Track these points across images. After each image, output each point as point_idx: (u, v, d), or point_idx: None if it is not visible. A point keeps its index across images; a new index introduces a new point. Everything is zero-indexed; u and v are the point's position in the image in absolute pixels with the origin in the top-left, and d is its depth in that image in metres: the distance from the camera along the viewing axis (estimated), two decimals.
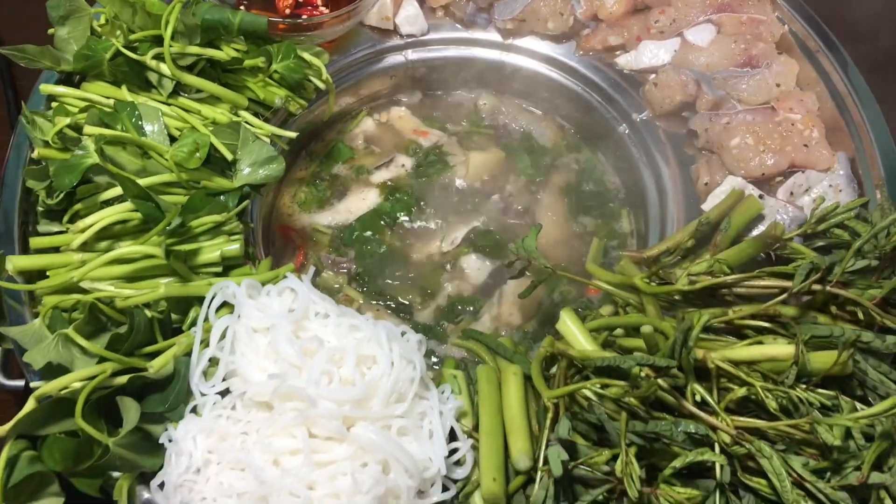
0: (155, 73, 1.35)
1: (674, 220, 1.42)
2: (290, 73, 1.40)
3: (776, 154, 1.36)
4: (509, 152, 1.62)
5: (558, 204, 1.57)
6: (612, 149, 1.58)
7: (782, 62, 1.45)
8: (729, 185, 1.38)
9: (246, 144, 1.33)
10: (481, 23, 1.60)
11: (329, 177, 1.60)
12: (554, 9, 1.53)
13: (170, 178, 1.27)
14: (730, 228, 1.31)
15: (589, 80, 1.57)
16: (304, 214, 1.56)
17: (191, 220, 1.22)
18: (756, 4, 1.49)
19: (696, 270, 1.22)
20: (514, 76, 1.64)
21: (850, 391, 1.12)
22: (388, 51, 1.61)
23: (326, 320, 1.15)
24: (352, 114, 1.67)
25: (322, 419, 1.03)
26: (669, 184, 1.45)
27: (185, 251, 1.20)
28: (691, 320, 1.04)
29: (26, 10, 1.73)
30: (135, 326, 1.10)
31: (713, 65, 1.46)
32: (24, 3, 1.89)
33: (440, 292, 1.47)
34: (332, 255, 1.51)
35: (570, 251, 1.54)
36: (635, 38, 1.54)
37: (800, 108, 1.40)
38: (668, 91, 1.46)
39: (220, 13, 1.36)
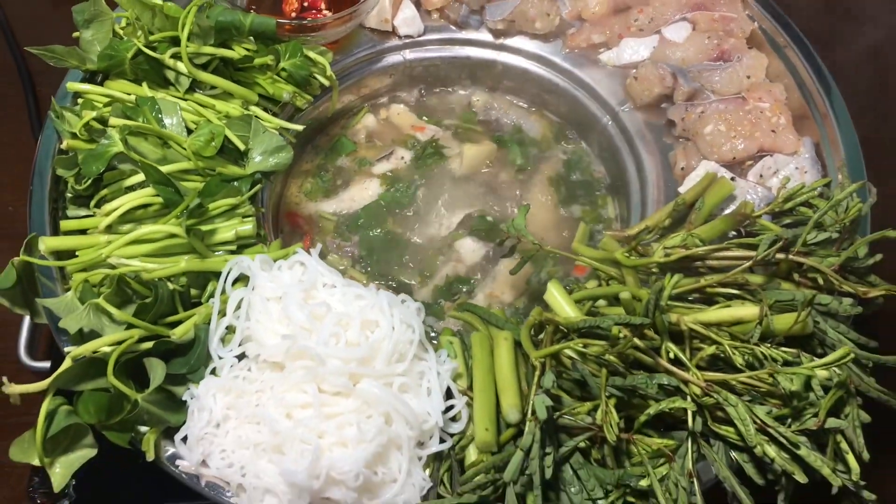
0: (173, 70, 1.46)
1: (654, 203, 1.52)
2: (296, 70, 1.52)
3: (746, 139, 1.47)
4: (501, 144, 1.73)
5: (547, 192, 1.68)
6: (597, 140, 1.69)
7: (752, 56, 1.56)
8: (703, 169, 1.49)
9: (257, 135, 1.44)
10: (474, 24, 1.72)
11: (333, 168, 1.71)
12: (541, 10, 1.65)
13: (188, 165, 1.38)
14: (703, 207, 1.42)
15: (575, 76, 1.69)
16: (310, 203, 1.67)
17: (208, 202, 1.34)
18: (727, 3, 1.61)
19: (670, 244, 1.33)
20: (505, 73, 1.75)
21: (811, 350, 1.23)
22: (387, 51, 1.73)
23: (333, 290, 1.26)
24: (354, 110, 1.78)
25: (330, 376, 1.14)
26: (650, 170, 1.56)
27: (203, 230, 1.31)
28: (662, 283, 1.15)
29: (52, 16, 1.86)
30: (159, 297, 1.21)
31: (688, 59, 1.58)
32: (51, 9, 2.03)
33: (438, 273, 1.58)
34: (337, 239, 1.62)
35: (559, 235, 1.64)
36: (617, 35, 1.65)
37: (768, 97, 1.52)
38: (647, 84, 1.57)
39: (232, 15, 1.48)
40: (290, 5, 1.68)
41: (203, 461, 1.15)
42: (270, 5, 1.69)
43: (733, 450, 1.16)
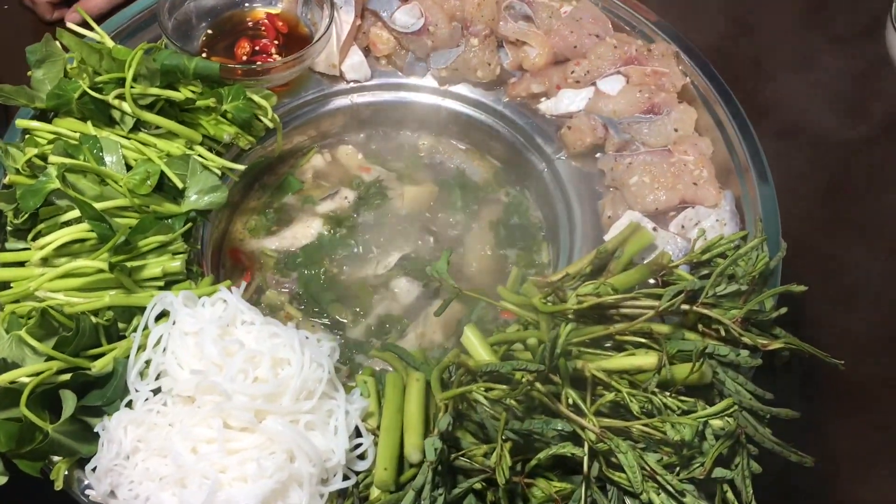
0: (118, 110, 1.52)
1: (580, 250, 1.56)
2: (238, 113, 1.58)
3: (668, 191, 1.51)
4: (443, 187, 1.78)
5: (486, 235, 1.73)
6: (535, 186, 1.74)
7: (681, 110, 1.61)
8: (627, 218, 1.53)
9: (194, 174, 1.49)
10: (419, 71, 1.78)
11: (279, 206, 1.76)
12: (482, 59, 1.71)
13: (124, 202, 1.43)
14: (622, 256, 1.46)
15: (514, 124, 1.74)
16: (254, 240, 1.72)
17: (138, 239, 1.39)
18: (661, 59, 1.66)
19: (583, 292, 1.37)
20: (449, 119, 1.81)
21: (710, 400, 1.26)
22: (335, 94, 1.78)
23: (251, 327, 1.30)
24: (303, 150, 1.84)
25: (236, 411, 1.18)
26: (579, 217, 1.61)
27: (131, 266, 1.36)
28: (558, 331, 1.19)
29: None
30: (80, 330, 1.26)
31: (620, 111, 1.62)
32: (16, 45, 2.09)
33: (371, 312, 1.62)
34: (277, 276, 1.67)
35: (495, 278, 1.68)
36: (555, 86, 1.71)
37: (693, 150, 1.56)
38: (580, 134, 1.62)
39: (177, 59, 1.54)
40: (242, 49, 1.74)
41: (111, 492, 1.19)
42: (223, 50, 1.75)
43: (627, 496, 1.19)
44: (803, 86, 1.79)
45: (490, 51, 1.71)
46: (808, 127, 1.85)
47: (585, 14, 1.73)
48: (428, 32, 1.71)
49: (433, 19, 1.71)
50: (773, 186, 1.53)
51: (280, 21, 1.79)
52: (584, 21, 1.71)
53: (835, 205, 1.89)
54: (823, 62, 1.92)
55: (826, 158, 1.89)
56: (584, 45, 1.70)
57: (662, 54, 1.67)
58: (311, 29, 1.79)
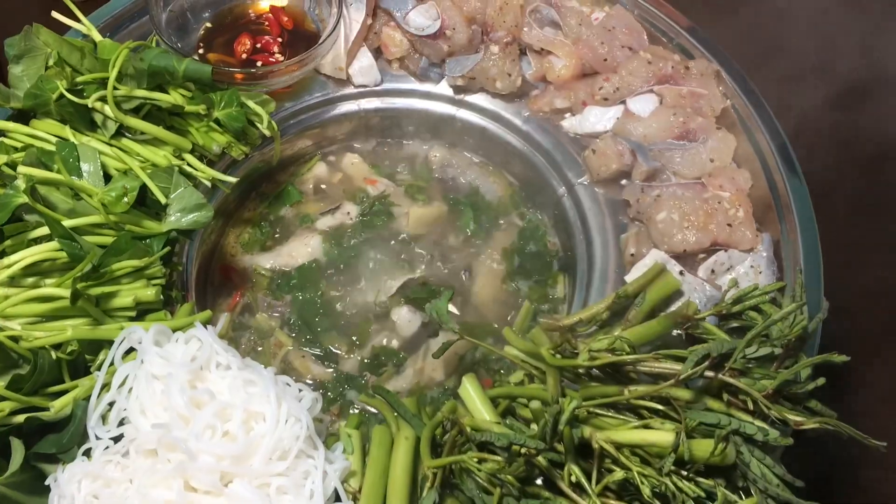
0: (100, 114, 1.40)
1: (597, 290, 1.42)
2: (231, 121, 1.44)
3: (699, 231, 1.36)
4: (454, 206, 1.64)
5: (497, 262, 1.59)
6: (553, 210, 1.59)
7: (719, 138, 1.45)
8: (652, 258, 1.38)
9: (177, 190, 1.37)
10: (434, 77, 1.63)
11: (275, 219, 1.63)
12: (502, 69, 1.55)
13: (98, 219, 1.31)
14: (644, 304, 1.31)
15: (534, 141, 1.59)
16: (246, 255, 1.59)
17: (111, 262, 1.26)
18: (699, 78, 1.50)
19: (597, 347, 1.22)
20: (464, 131, 1.66)
21: (733, 481, 1.12)
22: (342, 99, 1.64)
23: (226, 372, 1.18)
24: (306, 157, 1.70)
25: (200, 473, 1.06)
26: (599, 251, 1.46)
27: (99, 294, 1.24)
28: (561, 406, 1.05)
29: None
30: (38, 367, 1.14)
31: (650, 136, 1.47)
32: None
33: (368, 343, 1.50)
34: (269, 298, 1.54)
35: (505, 310, 1.55)
36: (581, 102, 1.55)
37: (730, 185, 1.41)
38: (605, 159, 1.47)
39: (166, 60, 1.40)
40: (243, 46, 1.60)
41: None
42: (222, 45, 1.61)
43: None
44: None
45: (511, 60, 1.56)
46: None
47: (619, 23, 1.56)
48: (445, 36, 1.56)
49: (451, 22, 1.55)
50: (816, 231, 1.37)
51: (285, 16, 1.65)
52: (617, 31, 1.55)
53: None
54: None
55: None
56: (616, 59, 1.54)
57: (702, 73, 1.50)
58: (319, 26, 1.65)
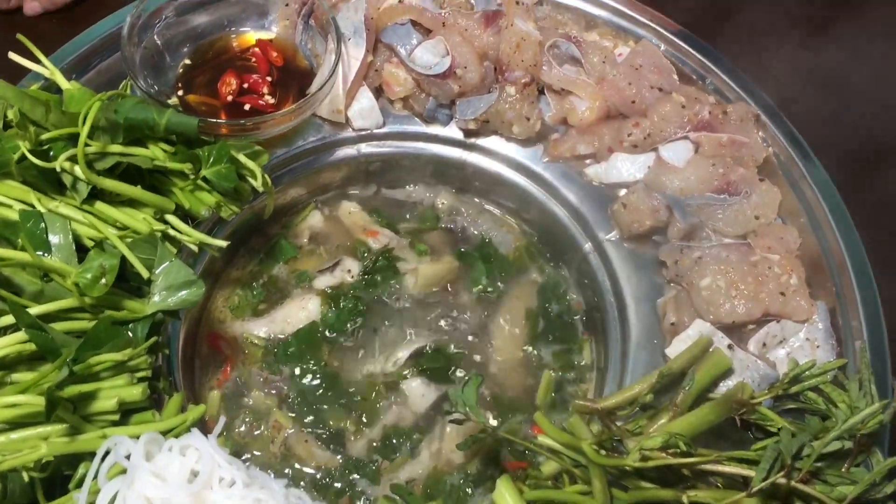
0: (69, 174, 1.22)
1: (635, 363, 1.29)
2: (220, 180, 1.27)
3: (749, 301, 1.23)
4: (465, 261, 1.49)
5: (515, 323, 1.44)
6: (576, 266, 1.45)
7: (763, 191, 1.32)
8: (697, 330, 1.25)
9: (162, 263, 1.19)
10: (442, 119, 1.47)
11: (267, 278, 1.47)
12: (520, 112, 1.40)
13: (72, 303, 1.14)
14: (693, 386, 1.18)
15: (554, 190, 1.44)
16: (236, 321, 1.43)
17: (90, 356, 1.09)
18: (739, 124, 1.36)
19: (649, 445, 1.09)
20: (475, 176, 1.51)
21: None
22: (340, 143, 1.48)
23: (232, 490, 1.02)
24: (298, 206, 1.54)
25: None
26: (633, 317, 1.32)
27: (76, 395, 1.07)
28: None
29: None
30: (7, 494, 0.98)
31: (688, 189, 1.33)
32: None
33: (377, 421, 1.34)
34: (265, 371, 1.38)
35: (526, 378, 1.41)
36: (606, 148, 1.41)
37: (779, 246, 1.28)
38: (638, 215, 1.33)
39: (144, 112, 1.23)
40: (228, 86, 1.43)
41: None
42: (204, 86, 1.44)
43: None
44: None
45: (530, 103, 1.41)
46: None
47: (646, 60, 1.42)
48: (455, 76, 1.40)
49: (462, 60, 1.39)
50: (877, 296, 1.24)
51: (274, 51, 1.48)
52: (645, 70, 1.41)
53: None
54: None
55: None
56: (645, 100, 1.40)
57: (741, 118, 1.37)
58: (312, 62, 1.48)
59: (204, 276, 1.38)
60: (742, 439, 1.21)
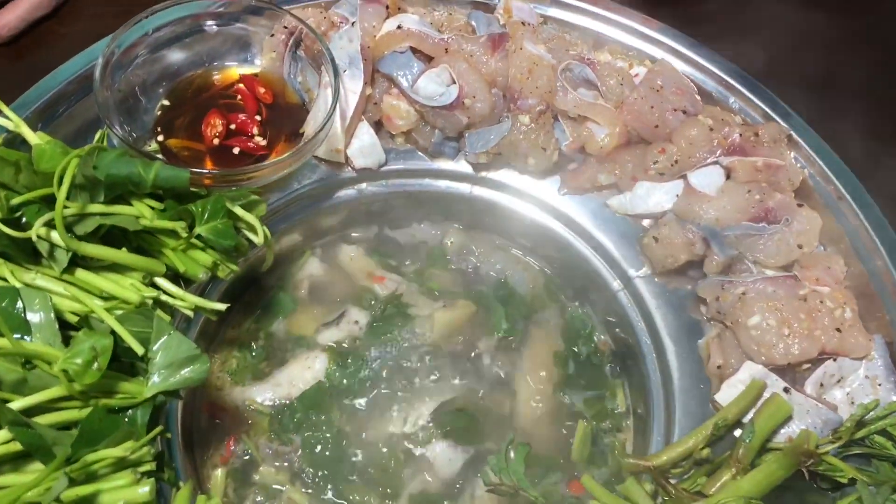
0: (46, 242, 1.07)
1: (682, 409, 1.19)
2: (217, 238, 1.14)
3: (804, 340, 1.14)
4: (481, 303, 1.37)
5: (540, 369, 1.33)
6: (602, 304, 1.35)
7: (804, 217, 1.23)
8: (748, 373, 1.15)
9: (160, 337, 1.05)
10: (449, 153, 1.36)
11: (266, 336, 1.34)
12: (535, 142, 1.29)
13: (60, 392, 0.99)
14: (754, 438, 1.08)
15: (575, 223, 1.34)
16: (236, 388, 1.29)
17: (86, 454, 0.95)
18: (772, 146, 1.27)
19: None
20: (486, 212, 1.40)
21: None
22: (340, 185, 1.36)
23: None
24: (294, 255, 1.41)
25: None
26: (673, 360, 1.23)
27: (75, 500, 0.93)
28: None
29: None
30: None
31: (724, 219, 1.23)
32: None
33: (402, 491, 1.22)
34: (274, 443, 1.25)
35: (555, 431, 1.30)
36: (630, 177, 1.31)
37: (827, 277, 1.19)
38: (672, 249, 1.23)
39: (128, 167, 1.09)
40: (213, 128, 1.29)
41: None
42: (186, 128, 1.30)
43: None
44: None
45: (546, 132, 1.30)
46: None
47: (667, 81, 1.32)
48: (463, 106, 1.29)
49: (470, 89, 1.28)
50: None
51: (261, 86, 1.34)
52: (666, 91, 1.31)
53: None
54: None
55: None
56: (668, 124, 1.30)
57: (774, 140, 1.28)
58: (304, 97, 1.35)
59: (197, 340, 1.25)
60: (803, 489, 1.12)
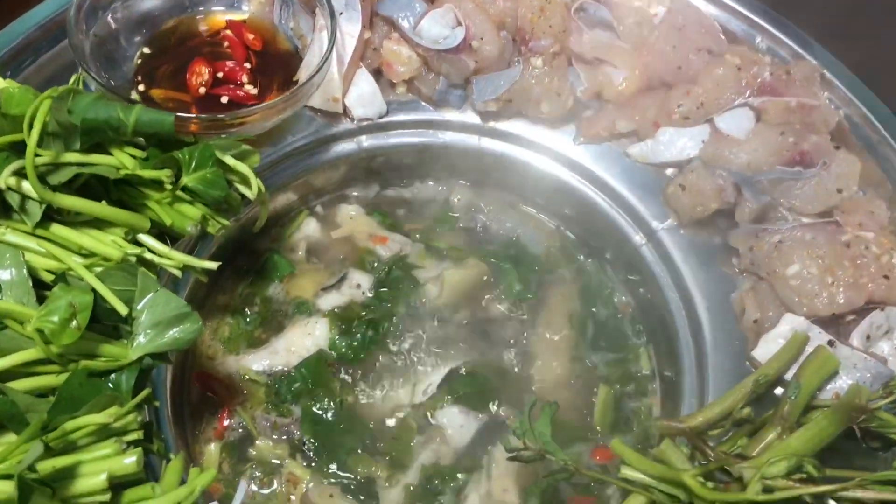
0: (16, 193, 0.97)
1: (716, 367, 1.10)
2: (207, 189, 1.03)
3: (849, 288, 1.05)
4: (491, 263, 1.28)
5: (556, 332, 1.24)
6: (623, 262, 1.26)
7: (842, 160, 1.14)
8: (788, 326, 1.06)
9: (146, 295, 0.95)
10: (455, 102, 1.26)
11: (262, 301, 1.24)
12: (549, 87, 1.20)
13: (35, 355, 0.89)
14: (800, 393, 0.99)
15: (592, 175, 1.25)
16: (229, 356, 1.19)
17: (65, 421, 0.85)
18: (804, 85, 1.18)
19: (773, 473, 0.90)
20: (496, 166, 1.30)
21: None
22: (337, 138, 1.26)
23: None
24: (290, 215, 1.31)
25: None
26: (705, 316, 1.14)
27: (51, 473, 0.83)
28: None
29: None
30: None
31: (756, 163, 1.14)
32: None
33: (413, 462, 1.13)
34: (272, 414, 1.15)
35: (576, 395, 1.21)
36: (651, 123, 1.22)
37: (870, 222, 1.10)
38: (701, 197, 1.14)
39: (106, 110, 0.98)
40: (199, 76, 1.19)
41: None
42: (169, 78, 1.20)
43: None
44: None
45: (560, 76, 1.21)
46: None
47: (689, 20, 1.23)
48: (469, 49, 1.19)
49: (477, 30, 1.19)
50: None
51: (250, 32, 1.24)
52: (689, 30, 1.22)
53: None
54: None
55: None
56: (692, 65, 1.21)
57: (807, 78, 1.19)
58: (296, 43, 1.25)
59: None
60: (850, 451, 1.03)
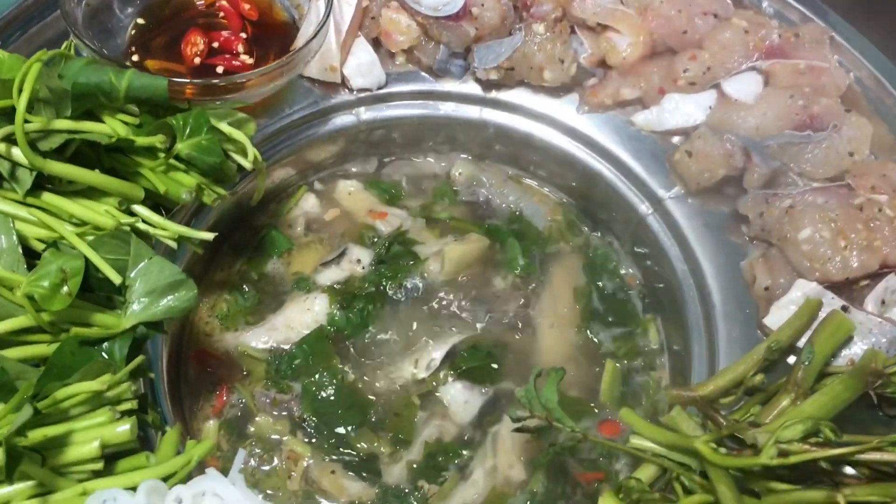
0: (6, 160, 0.94)
1: (726, 337, 1.07)
2: (203, 156, 1.01)
3: (863, 252, 1.02)
4: (495, 237, 1.25)
5: (561, 307, 1.21)
6: (629, 233, 1.23)
7: (853, 123, 1.11)
8: (800, 292, 1.04)
9: (139, 262, 0.93)
10: (455, 72, 1.24)
11: (259, 277, 1.21)
12: (551, 54, 1.17)
13: (24, 322, 0.87)
14: (814, 359, 0.96)
15: (597, 145, 1.22)
16: (227, 333, 1.16)
17: (56, 389, 0.82)
18: (814, 48, 1.16)
19: (788, 437, 0.87)
20: (498, 138, 1.28)
21: None
22: (335, 109, 1.24)
23: None
24: (288, 190, 1.29)
25: None
26: (714, 285, 1.11)
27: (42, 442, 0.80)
28: None
29: None
30: None
31: (765, 128, 1.12)
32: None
33: (416, 439, 1.10)
34: (272, 391, 1.12)
35: (581, 371, 1.18)
36: (656, 89, 1.19)
37: (884, 185, 1.07)
38: (709, 163, 1.12)
39: (98, 74, 0.96)
40: (194, 47, 1.17)
41: None
42: (164, 48, 1.17)
43: None
44: None
45: (563, 42, 1.18)
46: None
47: None
48: (470, 16, 1.17)
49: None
50: None
51: (245, 3, 1.22)
52: None
53: None
54: None
55: None
56: (698, 30, 1.18)
57: (816, 41, 1.16)
58: (293, 13, 1.23)
59: None
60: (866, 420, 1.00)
